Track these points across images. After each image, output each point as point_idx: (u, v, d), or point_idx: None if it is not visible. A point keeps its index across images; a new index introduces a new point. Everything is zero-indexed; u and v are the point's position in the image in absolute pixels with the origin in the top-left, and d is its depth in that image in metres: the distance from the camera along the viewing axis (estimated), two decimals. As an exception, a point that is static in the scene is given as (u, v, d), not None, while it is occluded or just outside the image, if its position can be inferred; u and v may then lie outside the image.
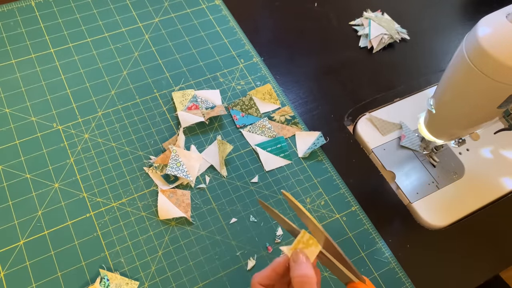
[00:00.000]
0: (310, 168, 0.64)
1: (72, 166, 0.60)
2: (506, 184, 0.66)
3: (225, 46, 0.73)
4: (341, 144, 0.66)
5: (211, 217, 0.58)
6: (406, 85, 0.74)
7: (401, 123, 0.69)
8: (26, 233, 0.55)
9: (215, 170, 0.62)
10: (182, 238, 0.56)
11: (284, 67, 0.73)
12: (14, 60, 0.67)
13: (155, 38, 0.72)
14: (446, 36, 0.80)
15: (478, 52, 0.46)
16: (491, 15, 0.47)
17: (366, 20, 0.79)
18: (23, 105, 0.63)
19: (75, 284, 0.52)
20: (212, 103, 0.67)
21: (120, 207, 0.58)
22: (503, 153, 0.68)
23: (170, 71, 0.69)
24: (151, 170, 0.60)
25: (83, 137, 0.62)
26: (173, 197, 0.58)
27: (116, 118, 0.64)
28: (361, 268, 0.56)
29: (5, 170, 0.58)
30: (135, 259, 0.54)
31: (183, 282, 0.54)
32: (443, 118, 0.57)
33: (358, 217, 0.60)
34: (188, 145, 0.63)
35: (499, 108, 0.50)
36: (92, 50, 0.69)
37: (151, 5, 0.75)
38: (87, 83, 0.66)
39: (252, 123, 0.66)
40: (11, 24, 0.70)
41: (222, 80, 0.70)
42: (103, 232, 0.56)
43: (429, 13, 0.84)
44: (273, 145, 0.64)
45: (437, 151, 0.67)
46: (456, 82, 0.51)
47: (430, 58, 0.78)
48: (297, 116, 0.68)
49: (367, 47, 0.77)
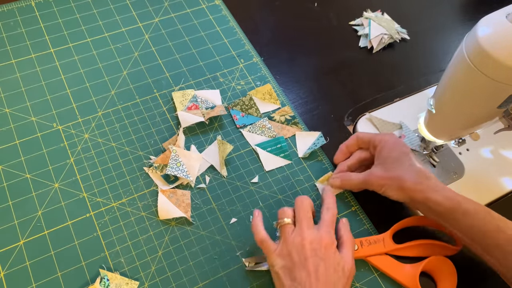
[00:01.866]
0: (310, 168, 0.64)
1: (72, 166, 0.60)
2: (506, 184, 0.66)
3: (225, 46, 0.73)
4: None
5: (211, 217, 0.58)
6: (406, 85, 0.74)
7: (401, 123, 0.69)
8: (26, 233, 0.55)
9: (215, 170, 0.62)
10: (182, 238, 0.56)
11: (284, 67, 0.73)
12: (14, 60, 0.67)
13: (155, 38, 0.72)
14: (446, 36, 0.80)
15: (478, 52, 0.46)
16: (491, 15, 0.47)
17: (366, 20, 0.79)
18: (23, 105, 0.63)
19: (75, 284, 0.52)
20: (212, 103, 0.67)
21: (120, 207, 0.58)
22: (503, 153, 0.68)
23: (170, 71, 0.69)
24: (151, 170, 0.60)
25: (83, 137, 0.62)
26: (173, 197, 0.58)
27: (116, 118, 0.64)
28: (361, 268, 0.56)
29: (5, 170, 0.58)
30: (135, 259, 0.55)
31: (183, 282, 0.54)
32: (443, 118, 0.57)
33: (358, 217, 0.60)
34: (188, 145, 0.63)
35: (499, 108, 0.50)
36: (92, 50, 0.69)
37: (151, 5, 0.76)
38: (87, 83, 0.66)
39: (252, 123, 0.66)
40: (11, 24, 0.70)
41: (222, 80, 0.70)
42: (103, 232, 0.56)
43: (429, 13, 0.84)
44: (273, 145, 0.64)
45: (437, 151, 0.67)
46: (456, 82, 0.51)
47: (430, 58, 0.78)
48: (297, 116, 0.68)
49: (367, 47, 0.77)
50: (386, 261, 0.56)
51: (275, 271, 0.50)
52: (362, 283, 0.56)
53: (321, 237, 0.50)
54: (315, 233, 0.50)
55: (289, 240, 0.50)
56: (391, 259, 0.56)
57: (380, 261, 0.56)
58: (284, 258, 0.49)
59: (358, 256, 0.56)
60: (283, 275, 0.49)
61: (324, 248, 0.49)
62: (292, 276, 0.48)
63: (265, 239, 0.51)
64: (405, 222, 0.58)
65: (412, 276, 0.54)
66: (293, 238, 0.50)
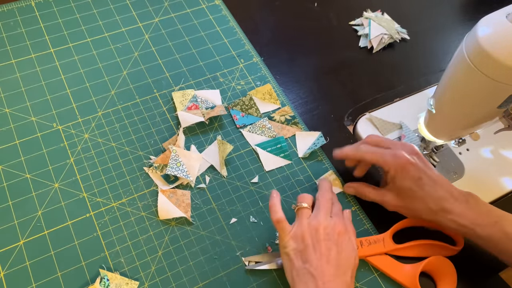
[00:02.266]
0: (310, 168, 0.64)
1: (72, 166, 0.60)
2: (506, 184, 0.66)
3: (225, 46, 0.73)
4: (341, 144, 0.66)
5: (211, 217, 0.58)
6: (406, 85, 0.74)
7: (401, 123, 0.69)
8: (26, 233, 0.55)
9: (215, 170, 0.62)
10: (182, 238, 0.56)
11: (284, 67, 0.73)
12: (14, 60, 0.67)
13: (155, 38, 0.72)
14: (446, 36, 0.80)
15: (478, 52, 0.46)
16: (491, 15, 0.47)
17: (366, 20, 0.79)
18: (23, 105, 0.63)
19: (75, 284, 0.52)
20: (212, 103, 0.67)
21: (120, 207, 0.58)
22: (503, 153, 0.68)
23: (170, 71, 0.69)
24: (151, 170, 0.60)
25: (83, 137, 0.62)
26: (173, 197, 0.58)
27: (116, 118, 0.64)
28: (361, 269, 0.56)
29: (5, 170, 0.58)
30: (135, 259, 0.55)
31: (183, 282, 0.54)
32: (443, 118, 0.57)
33: (358, 217, 0.60)
34: (188, 145, 0.63)
35: (499, 108, 0.50)
36: (92, 50, 0.69)
37: (151, 5, 0.75)
38: (87, 83, 0.66)
39: (252, 123, 0.66)
40: (11, 24, 0.70)
41: (222, 80, 0.70)
42: (103, 232, 0.56)
43: (429, 13, 0.84)
44: (273, 145, 0.64)
45: (437, 151, 0.67)
46: (456, 82, 0.51)
47: (430, 58, 0.78)
48: (297, 116, 0.68)
49: (367, 47, 0.77)
50: (386, 261, 0.56)
51: (286, 252, 0.50)
52: (362, 283, 0.56)
53: (336, 224, 0.51)
54: (330, 220, 0.52)
55: (305, 223, 0.51)
56: (391, 259, 0.56)
57: (380, 261, 0.56)
58: (297, 240, 0.50)
59: (358, 256, 0.56)
60: (294, 257, 0.50)
61: (337, 234, 0.51)
62: (304, 258, 0.49)
63: (281, 220, 0.52)
64: (405, 222, 0.58)
65: (412, 276, 0.54)
66: (309, 221, 0.51)
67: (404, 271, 0.55)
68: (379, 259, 0.56)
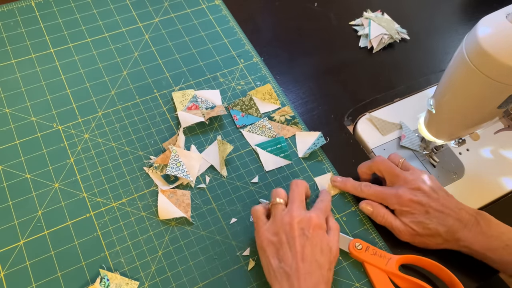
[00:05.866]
0: (310, 168, 0.64)
1: (72, 166, 0.60)
2: (506, 184, 0.66)
3: (225, 46, 0.73)
4: (341, 144, 0.66)
5: (211, 217, 0.58)
6: (406, 85, 0.74)
7: (401, 123, 0.69)
8: (26, 233, 0.55)
9: (215, 170, 0.62)
10: (182, 238, 0.56)
11: (284, 67, 0.73)
12: (14, 60, 0.67)
13: (155, 38, 0.72)
14: (446, 36, 0.80)
15: (478, 52, 0.46)
16: (491, 15, 0.47)
17: (366, 20, 0.79)
18: (23, 105, 0.63)
19: (75, 284, 0.52)
20: (212, 103, 0.67)
21: (120, 207, 0.58)
22: (503, 153, 0.68)
23: (170, 71, 0.69)
24: (151, 170, 0.60)
25: (83, 137, 0.62)
26: (173, 197, 0.58)
27: (116, 118, 0.64)
28: (361, 269, 0.56)
29: (5, 170, 0.58)
30: (135, 259, 0.55)
31: (183, 282, 0.54)
32: (443, 118, 0.57)
33: (358, 217, 0.60)
34: (188, 145, 0.63)
35: (499, 108, 0.50)
36: (92, 50, 0.69)
37: (151, 5, 0.76)
38: (87, 83, 0.66)
39: (252, 123, 0.66)
40: (11, 24, 0.70)
41: (222, 80, 0.70)
42: (103, 232, 0.56)
43: (429, 13, 0.84)
44: (273, 145, 0.64)
45: (437, 151, 0.67)
46: (456, 82, 0.51)
47: (430, 58, 0.78)
48: (297, 116, 0.68)
49: (367, 47, 0.77)
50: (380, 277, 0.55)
51: (263, 247, 0.51)
52: (362, 283, 0.56)
53: (310, 218, 0.51)
54: (303, 214, 0.51)
55: (278, 219, 0.51)
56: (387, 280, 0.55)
57: (375, 273, 0.55)
58: (272, 236, 0.50)
59: (358, 256, 0.56)
60: (270, 254, 0.50)
61: (312, 228, 0.50)
62: (280, 256, 0.49)
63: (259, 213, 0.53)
64: (421, 260, 0.56)
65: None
66: (282, 217, 0.51)
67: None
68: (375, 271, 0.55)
